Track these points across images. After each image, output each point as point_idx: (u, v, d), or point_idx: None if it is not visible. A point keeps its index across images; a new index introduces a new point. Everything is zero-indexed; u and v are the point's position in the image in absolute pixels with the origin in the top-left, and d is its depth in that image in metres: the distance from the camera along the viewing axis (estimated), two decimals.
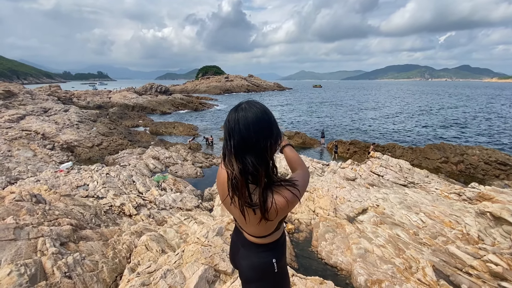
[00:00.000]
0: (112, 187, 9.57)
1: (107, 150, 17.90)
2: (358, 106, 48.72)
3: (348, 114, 37.91)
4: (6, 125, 19.78)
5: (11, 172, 12.17)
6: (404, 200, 5.29)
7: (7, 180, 10.95)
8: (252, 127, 0.93)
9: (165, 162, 14.76)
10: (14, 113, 22.61)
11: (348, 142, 18.03)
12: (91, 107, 38.53)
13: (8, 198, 4.18)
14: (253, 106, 1.00)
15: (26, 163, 13.50)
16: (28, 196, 4.40)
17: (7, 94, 28.56)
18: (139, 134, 23.34)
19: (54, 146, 17.35)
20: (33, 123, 20.80)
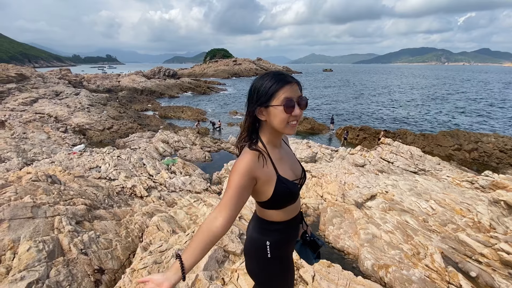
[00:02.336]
0: (123, 170, 9.80)
1: (117, 134, 18.20)
2: (370, 91, 47.40)
3: (358, 100, 37.02)
4: (20, 108, 20.26)
5: (27, 153, 12.59)
6: (414, 187, 5.21)
7: (23, 161, 11.34)
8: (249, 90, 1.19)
9: (174, 146, 14.93)
10: (27, 96, 23.06)
11: (358, 128, 17.71)
12: (101, 91, 38.84)
13: (25, 178, 4.33)
14: (262, 74, 1.16)
15: (40, 145, 13.90)
16: (44, 177, 4.54)
17: (20, 78, 29.02)
18: (149, 118, 23.55)
19: (67, 129, 17.73)
20: (45, 106, 21.22)
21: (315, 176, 5.86)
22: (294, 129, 1.13)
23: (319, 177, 5.69)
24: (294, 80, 1.10)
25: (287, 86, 1.07)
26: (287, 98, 1.06)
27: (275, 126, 1.13)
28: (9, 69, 30.53)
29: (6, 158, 11.63)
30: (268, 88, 1.08)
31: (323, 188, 5.49)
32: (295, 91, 1.08)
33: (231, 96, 41.27)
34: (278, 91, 1.07)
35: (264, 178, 1.14)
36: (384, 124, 22.27)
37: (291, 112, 1.07)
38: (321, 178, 5.61)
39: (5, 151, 12.22)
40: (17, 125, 16.43)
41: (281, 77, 1.09)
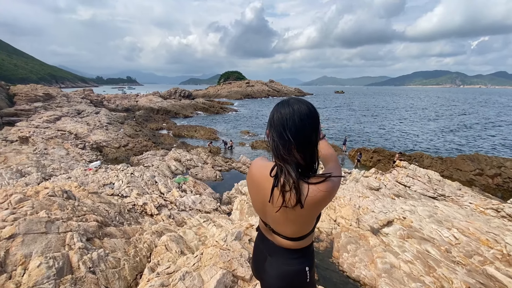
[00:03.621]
0: (136, 187, 9.90)
1: (132, 151, 18.66)
2: (383, 113, 46.93)
3: (371, 121, 36.64)
4: (44, 125, 21.33)
5: (46, 168, 13.03)
6: (434, 214, 4.92)
7: (42, 176, 11.72)
8: (307, 120, 0.97)
9: (186, 164, 15.08)
10: (52, 114, 24.34)
11: (372, 150, 17.34)
12: (120, 110, 40.56)
13: (42, 193, 4.43)
14: (302, 101, 1.04)
15: (59, 161, 14.40)
16: (60, 192, 4.64)
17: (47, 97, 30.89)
18: (163, 137, 24.13)
19: (85, 145, 18.39)
20: (67, 123, 22.25)
21: None
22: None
23: (332, 200, 5.50)
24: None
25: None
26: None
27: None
28: (37, 89, 32.66)
29: (26, 173, 12.07)
30: (318, 119, 1.16)
31: (336, 211, 5.29)
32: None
33: (243, 116, 41.93)
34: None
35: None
36: (399, 147, 21.74)
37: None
38: (334, 201, 5.42)
39: (26, 166, 12.71)
40: (39, 141, 17.22)
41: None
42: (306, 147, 0.98)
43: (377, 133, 27.78)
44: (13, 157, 13.80)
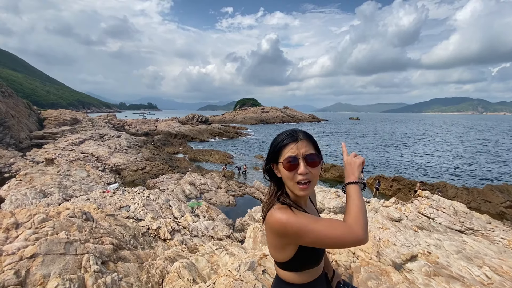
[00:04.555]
0: (151, 210, 10.00)
1: (149, 174, 19.09)
2: (401, 140, 45.71)
3: (389, 148, 35.72)
4: (69, 148, 22.50)
5: (67, 189, 13.53)
6: (462, 249, 4.57)
7: (63, 197, 12.15)
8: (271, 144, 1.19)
9: (200, 189, 15.14)
10: (77, 138, 25.73)
11: (391, 178, 16.72)
12: (139, 134, 42.30)
13: (63, 214, 4.60)
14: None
15: (80, 182, 14.94)
16: (79, 213, 4.79)
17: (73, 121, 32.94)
18: (179, 160, 24.63)
19: (105, 168, 19.06)
20: (90, 146, 23.35)
21: None
22: (305, 191, 1.07)
23: None
24: (302, 137, 1.09)
25: (292, 144, 1.07)
26: (289, 156, 1.06)
27: (285, 185, 1.12)
28: (66, 113, 35.04)
29: (49, 193, 12.57)
30: (276, 145, 1.11)
31: None
32: (301, 148, 1.06)
33: (257, 141, 42.31)
34: (283, 149, 1.08)
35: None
36: (419, 175, 20.84)
37: (294, 170, 1.05)
38: None
39: (50, 186, 13.27)
40: (63, 163, 18.08)
41: (289, 135, 1.10)
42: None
43: (396, 161, 26.92)
44: (38, 178, 14.50)
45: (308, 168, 1.05)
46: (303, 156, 1.06)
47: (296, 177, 1.06)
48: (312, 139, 1.12)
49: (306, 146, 1.08)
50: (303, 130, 1.15)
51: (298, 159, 1.05)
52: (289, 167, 1.06)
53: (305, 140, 1.09)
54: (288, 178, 1.08)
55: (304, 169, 1.04)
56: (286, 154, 1.07)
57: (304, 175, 1.05)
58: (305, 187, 1.07)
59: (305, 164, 1.05)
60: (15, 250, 3.17)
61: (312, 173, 1.07)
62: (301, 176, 1.05)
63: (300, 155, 1.06)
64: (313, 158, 1.07)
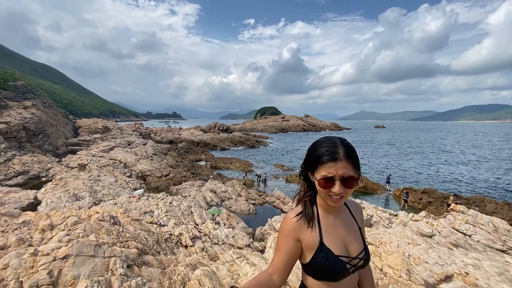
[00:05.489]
0: (173, 216, 10.21)
1: (172, 181, 19.61)
2: (431, 150, 43.16)
3: (418, 158, 33.85)
4: (99, 154, 23.80)
5: (97, 194, 14.26)
6: (505, 271, 4.14)
7: (93, 201, 12.80)
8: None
9: (221, 196, 15.26)
10: (107, 145, 27.20)
11: (420, 191, 15.76)
12: (164, 142, 43.90)
13: (93, 217, 4.83)
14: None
15: (108, 187, 15.69)
16: (108, 217, 5.01)
17: (104, 129, 34.94)
18: (201, 168, 25.10)
19: (132, 174, 19.90)
20: (119, 153, 24.55)
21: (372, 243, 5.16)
22: (337, 203, 1.08)
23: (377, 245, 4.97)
24: (343, 156, 1.04)
25: (331, 164, 1.03)
26: (325, 176, 1.04)
27: (319, 194, 1.14)
28: (98, 122, 37.34)
29: (81, 197, 13.32)
30: (314, 158, 1.09)
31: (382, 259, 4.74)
32: (340, 169, 1.02)
33: (278, 150, 42.07)
34: (320, 165, 1.06)
35: (307, 241, 1.12)
36: (453, 188, 19.45)
37: (328, 189, 1.05)
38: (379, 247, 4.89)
39: (81, 190, 14.08)
40: (94, 168, 19.14)
41: (329, 152, 1.05)
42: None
43: (426, 172, 25.41)
44: (72, 182, 15.47)
45: (344, 189, 1.05)
46: (340, 178, 1.04)
47: (330, 192, 1.07)
48: (354, 157, 1.07)
49: (346, 167, 1.04)
50: (345, 142, 1.09)
51: (334, 180, 1.04)
52: (324, 185, 1.06)
53: (346, 161, 1.04)
54: (322, 192, 1.09)
55: (339, 190, 1.04)
56: (323, 172, 1.05)
57: (338, 194, 1.05)
58: (337, 201, 1.08)
59: (341, 185, 1.04)
60: (49, 251, 3.36)
61: (347, 192, 1.06)
62: (334, 195, 1.06)
63: (338, 176, 1.04)
64: (350, 181, 1.05)
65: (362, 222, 1.31)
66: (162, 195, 13.16)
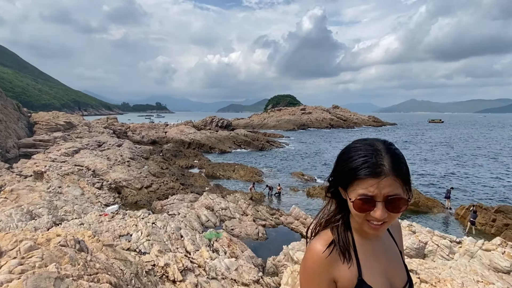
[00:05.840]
0: (157, 241, 10.33)
1: (156, 194, 19.84)
2: (508, 153, 42.12)
3: (489, 165, 33.12)
4: (61, 159, 24.34)
5: (58, 211, 14.58)
6: None
7: (53, 220, 13.09)
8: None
9: (220, 215, 15.33)
10: (71, 146, 27.79)
11: (493, 209, 15.48)
12: (145, 142, 44.51)
13: (53, 242, 4.94)
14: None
15: (73, 202, 16.01)
16: (72, 242, 5.11)
17: (68, 126, 35.71)
18: (193, 177, 25.30)
19: (103, 185, 20.25)
20: (86, 157, 25.04)
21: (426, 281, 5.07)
22: (377, 231, 1.05)
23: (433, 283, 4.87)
24: (389, 170, 0.99)
25: (372, 181, 0.99)
26: (363, 196, 1.00)
27: (355, 218, 1.10)
28: (59, 117, 38.19)
29: (37, 215, 13.64)
30: (348, 172, 1.04)
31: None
32: (384, 187, 0.99)
33: (297, 153, 41.98)
34: (355, 181, 1.02)
35: (343, 280, 1.09)
36: None
37: (367, 212, 1.02)
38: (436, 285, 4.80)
39: (38, 206, 14.41)
40: (54, 177, 19.57)
41: (370, 162, 1.01)
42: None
43: (501, 184, 24.84)
44: (26, 195, 15.86)
45: (388, 213, 1.01)
46: (384, 199, 1.00)
47: (368, 217, 1.04)
48: (403, 170, 1.03)
49: (392, 185, 1.00)
50: (392, 148, 1.06)
51: (376, 202, 1.00)
52: (362, 208, 1.02)
53: (392, 177, 1.00)
54: (358, 216, 1.06)
55: (381, 215, 1.00)
56: (360, 191, 1.01)
57: (379, 220, 1.02)
58: (378, 228, 1.04)
59: (384, 207, 1.00)
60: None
61: (392, 217, 1.02)
62: (374, 220, 1.03)
63: (381, 197, 1.00)
64: (397, 202, 1.01)
65: (401, 243, 1.31)
66: (142, 213, 13.34)
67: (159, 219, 12.39)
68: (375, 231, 1.05)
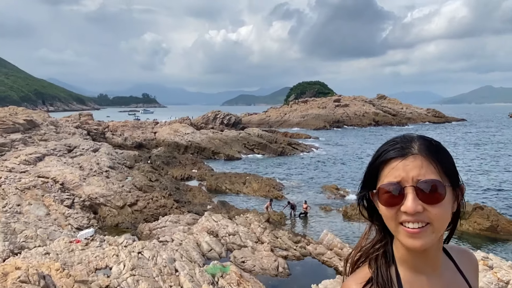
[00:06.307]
0: (144, 276, 10.42)
1: (142, 214, 20.03)
2: None
3: None
4: (20, 168, 24.86)
5: (16, 236, 14.91)
6: None
7: (10, 248, 13.39)
8: None
9: (226, 242, 15.32)
10: (33, 152, 28.35)
11: None
12: (129, 146, 45.04)
13: (11, 276, 5.05)
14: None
15: (36, 225, 16.34)
16: (36, 277, 5.21)
17: (29, 125, 36.45)
18: (191, 191, 25.41)
19: (74, 202, 20.58)
20: (52, 166, 25.49)
21: None
22: (416, 239, 1.04)
23: None
24: (418, 149, 1.08)
25: (397, 161, 1.07)
26: (390, 182, 1.06)
27: (389, 229, 1.13)
28: (18, 113, 39.05)
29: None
30: (374, 160, 1.14)
31: None
32: (412, 169, 1.05)
33: (328, 160, 41.68)
34: (383, 167, 1.11)
35: None
36: None
37: (397, 206, 1.05)
38: None
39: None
40: (12, 192, 20.01)
41: (395, 143, 1.12)
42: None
43: None
44: None
45: (422, 204, 1.02)
46: (414, 184, 1.03)
47: (400, 216, 1.05)
48: (440, 151, 1.11)
49: (423, 165, 1.05)
50: (426, 136, 1.13)
51: (403, 188, 1.04)
52: (388, 200, 1.06)
53: (422, 156, 1.06)
54: (387, 216, 1.09)
55: (412, 205, 1.01)
56: (386, 178, 1.08)
57: (413, 215, 1.02)
58: (416, 232, 1.03)
59: (416, 196, 1.02)
60: None
61: (431, 213, 1.03)
62: (406, 216, 1.03)
63: (409, 181, 1.04)
64: (432, 188, 1.03)
65: (477, 284, 1.29)
66: (125, 239, 13.48)
67: (147, 248, 12.49)
68: (412, 238, 1.04)
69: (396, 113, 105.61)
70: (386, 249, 1.18)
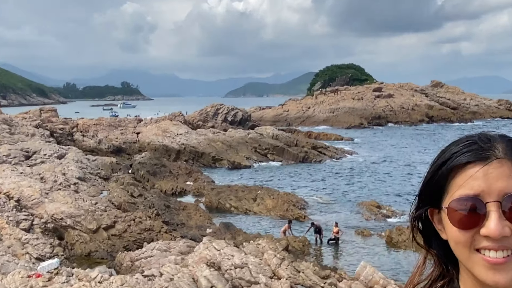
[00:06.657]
0: None
1: (122, 240, 20.07)
2: None
3: None
4: None
5: None
6: None
7: None
8: None
9: (231, 277, 15.31)
10: None
11: None
12: (104, 151, 45.27)
13: None
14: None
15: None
16: None
17: None
18: (185, 210, 25.43)
19: (33, 224, 20.69)
20: (5, 178, 25.68)
21: None
22: (500, 272, 1.00)
23: None
24: (503, 152, 1.04)
25: (476, 167, 1.03)
26: (465, 196, 1.01)
27: (457, 256, 1.09)
28: None
29: None
30: (440, 165, 1.10)
31: None
32: (496, 179, 1.01)
33: (367, 168, 41.57)
34: (454, 175, 1.06)
35: None
36: None
37: (473, 228, 1.01)
38: None
39: None
40: None
41: (471, 144, 1.08)
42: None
43: None
44: None
45: (511, 226, 0.99)
46: (500, 199, 1.00)
47: (479, 241, 1.01)
48: None
49: (510, 174, 1.02)
50: (510, 136, 1.10)
51: (485, 204, 1.00)
52: (463, 220, 1.02)
53: (511, 161, 1.04)
54: (459, 242, 1.05)
55: (497, 227, 0.97)
56: (459, 191, 1.04)
57: (497, 241, 0.99)
58: (500, 263, 0.99)
59: (502, 215, 0.99)
60: None
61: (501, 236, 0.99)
62: (487, 242, 1.00)
63: (492, 195, 1.00)
64: None
65: None
66: (99, 272, 13.52)
67: (128, 284, 12.51)
68: (494, 272, 1.01)
69: (457, 106, 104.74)
70: (449, 284, 1.16)
